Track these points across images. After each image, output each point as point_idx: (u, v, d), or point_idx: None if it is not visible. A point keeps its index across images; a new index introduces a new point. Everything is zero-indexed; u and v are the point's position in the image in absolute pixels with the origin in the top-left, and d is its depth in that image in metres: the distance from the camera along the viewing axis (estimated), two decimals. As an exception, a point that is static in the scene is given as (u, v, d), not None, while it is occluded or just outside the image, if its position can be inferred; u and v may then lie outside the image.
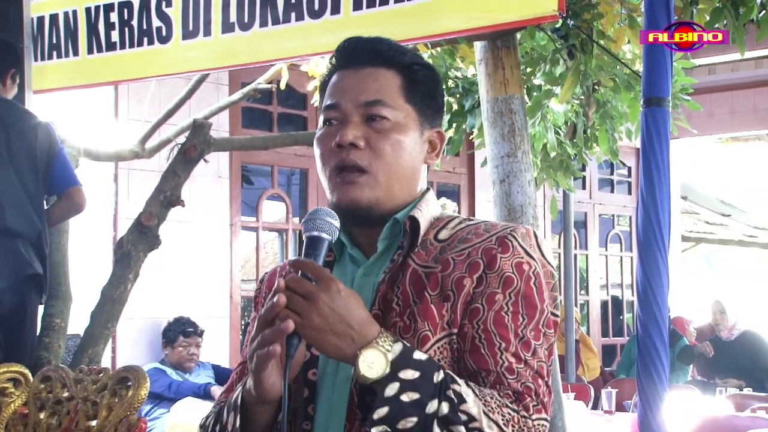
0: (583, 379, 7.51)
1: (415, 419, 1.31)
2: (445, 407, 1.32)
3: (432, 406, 1.32)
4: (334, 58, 1.59)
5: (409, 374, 1.33)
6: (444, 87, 4.81)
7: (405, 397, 1.32)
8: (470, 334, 1.43)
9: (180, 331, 5.95)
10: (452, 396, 1.33)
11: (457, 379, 1.36)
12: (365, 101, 1.51)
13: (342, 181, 1.50)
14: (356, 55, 1.56)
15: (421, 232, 1.52)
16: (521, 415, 1.38)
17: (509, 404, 1.38)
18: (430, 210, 1.56)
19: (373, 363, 1.32)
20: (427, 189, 1.61)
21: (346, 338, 1.34)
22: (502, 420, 1.36)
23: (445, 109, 1.64)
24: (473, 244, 1.49)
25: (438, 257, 1.49)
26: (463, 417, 1.33)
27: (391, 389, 1.31)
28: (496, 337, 1.42)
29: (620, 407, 6.00)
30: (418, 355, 1.36)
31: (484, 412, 1.34)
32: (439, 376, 1.34)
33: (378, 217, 1.53)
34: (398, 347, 1.34)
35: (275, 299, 1.34)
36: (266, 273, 1.73)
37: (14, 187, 3.53)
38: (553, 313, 1.50)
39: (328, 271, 1.37)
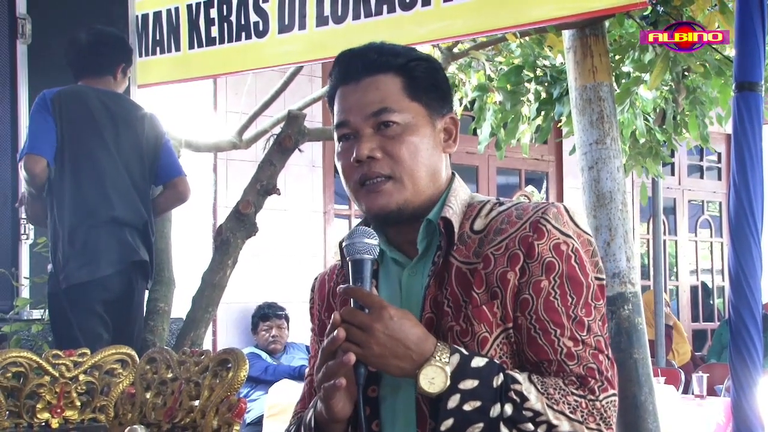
0: (674, 364, 7.45)
1: (481, 425, 1.38)
2: (508, 409, 1.38)
3: (495, 410, 1.38)
4: (333, 75, 1.61)
5: (469, 384, 1.38)
6: (532, 76, 4.89)
7: (467, 407, 1.38)
8: (525, 326, 1.46)
9: (259, 316, 6.11)
10: (514, 396, 1.38)
11: (518, 377, 1.41)
12: (372, 112, 1.53)
13: (367, 191, 1.53)
14: (352, 68, 1.57)
15: (456, 228, 1.53)
16: (588, 399, 1.42)
17: (574, 391, 1.42)
18: (459, 201, 1.58)
19: (433, 379, 1.39)
20: (452, 176, 1.62)
21: (406, 359, 1.40)
22: (569, 408, 1.40)
23: (452, 92, 1.64)
24: (509, 235, 1.50)
25: (478, 251, 1.51)
26: (528, 414, 1.38)
27: (453, 401, 1.38)
28: (550, 324, 1.45)
29: (711, 392, 5.93)
30: (476, 362, 1.41)
31: (548, 405, 1.39)
32: (498, 380, 1.39)
33: (409, 217, 1.55)
34: (456, 359, 1.40)
35: (335, 333, 1.41)
36: (315, 280, 1.80)
37: (122, 178, 3.63)
38: (597, 278, 1.51)
39: (378, 298, 1.44)
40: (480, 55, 5.13)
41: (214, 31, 4.25)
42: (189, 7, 4.34)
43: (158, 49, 4.46)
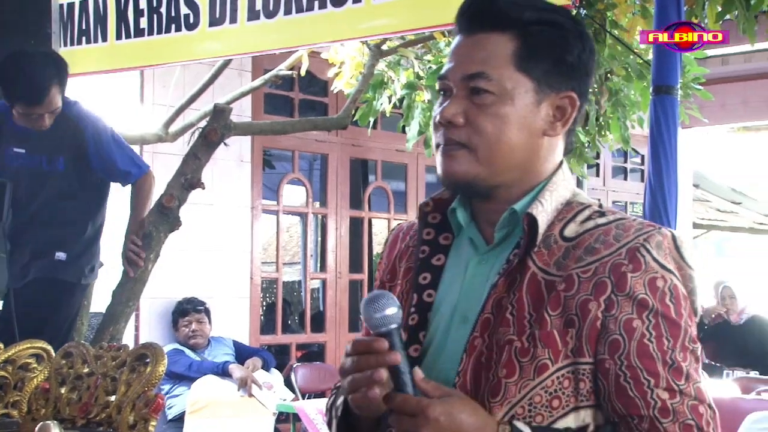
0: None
1: None
2: None
3: None
4: (456, 17, 1.45)
5: None
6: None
7: None
8: (613, 372, 1.30)
9: (179, 312, 6.05)
10: None
11: None
12: (468, 74, 1.38)
13: (442, 154, 1.40)
14: (469, 18, 1.42)
15: (542, 229, 1.37)
16: None
17: None
18: (555, 197, 1.40)
19: None
20: (560, 165, 1.44)
21: None
22: None
23: (587, 68, 1.44)
24: (601, 258, 1.32)
25: (561, 262, 1.34)
26: None
27: None
28: (643, 373, 1.29)
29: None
30: None
31: None
32: None
33: (486, 192, 1.40)
34: None
35: (369, 395, 1.29)
36: (391, 232, 1.62)
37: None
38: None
39: (415, 402, 1.25)
40: (409, 53, 5.18)
41: (143, 23, 4.19)
42: (117, -3, 4.29)
43: (84, 38, 4.38)
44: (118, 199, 4.02)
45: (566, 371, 1.31)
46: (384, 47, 4.97)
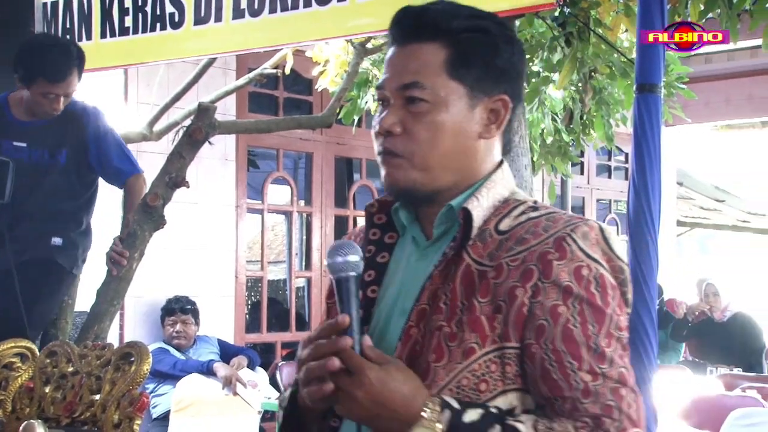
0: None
1: None
2: None
3: None
4: (389, 30, 1.49)
5: None
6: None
7: None
8: (539, 356, 1.33)
9: (165, 311, 6.05)
10: None
11: (520, 427, 1.30)
12: (402, 84, 1.43)
13: (382, 163, 1.46)
14: (402, 30, 1.46)
15: (478, 223, 1.41)
16: None
17: None
18: (494, 194, 1.45)
19: None
20: (499, 164, 1.49)
21: (392, 421, 1.31)
22: None
23: (518, 70, 1.50)
24: (529, 247, 1.37)
25: (493, 254, 1.38)
26: None
27: None
28: (567, 357, 1.32)
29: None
30: (470, 415, 1.30)
31: None
32: None
33: (427, 198, 1.46)
34: (447, 415, 1.30)
35: (323, 388, 1.32)
36: (349, 233, 1.68)
37: None
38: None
39: (358, 360, 1.32)
40: (393, 51, 5.17)
41: (128, 21, 4.20)
42: (102, -5, 4.28)
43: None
44: (103, 198, 4.03)
45: (493, 355, 1.35)
46: (368, 45, 4.97)
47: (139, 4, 4.13)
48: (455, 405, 1.31)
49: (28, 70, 3.57)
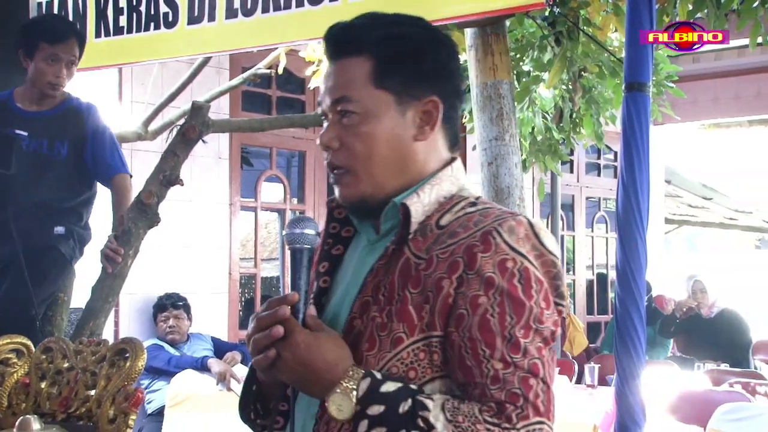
0: (568, 355, 7.70)
1: None
2: None
3: None
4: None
5: (376, 409, 1.34)
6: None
7: None
8: (457, 343, 1.38)
9: (157, 307, 6.08)
10: (421, 424, 1.33)
11: (429, 404, 1.35)
12: (334, 99, 1.48)
13: (333, 180, 1.51)
14: (332, 47, 1.52)
15: (418, 218, 1.46)
16: (502, 427, 1.33)
17: (488, 419, 1.34)
18: (438, 190, 1.49)
19: (341, 405, 1.36)
20: (446, 164, 1.53)
21: (315, 385, 1.38)
22: None
23: (448, 69, 1.52)
24: (458, 240, 1.41)
25: (430, 247, 1.43)
26: None
27: (362, 426, 1.35)
28: (481, 344, 1.36)
29: (603, 381, 6.12)
30: (387, 387, 1.36)
31: None
32: (405, 406, 1.34)
33: (381, 206, 1.49)
34: (365, 384, 1.36)
35: (268, 355, 1.39)
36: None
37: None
38: (556, 303, 1.42)
39: (292, 323, 1.40)
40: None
41: (123, 21, 4.21)
42: (97, -5, 4.30)
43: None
44: (99, 199, 4.06)
45: (421, 344, 1.40)
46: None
47: (134, 3, 4.14)
48: (378, 376, 1.37)
49: (29, 37, 3.61)
